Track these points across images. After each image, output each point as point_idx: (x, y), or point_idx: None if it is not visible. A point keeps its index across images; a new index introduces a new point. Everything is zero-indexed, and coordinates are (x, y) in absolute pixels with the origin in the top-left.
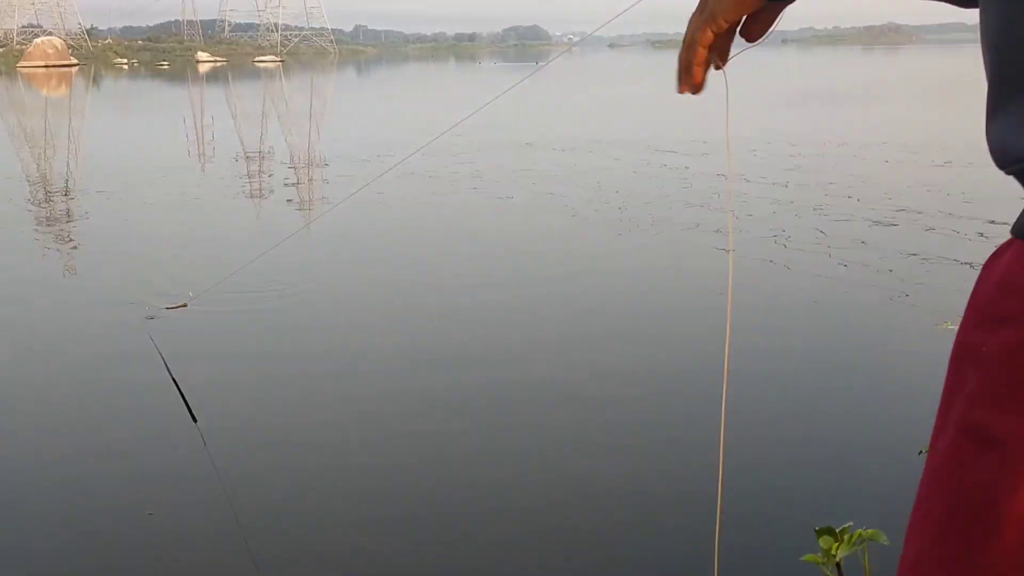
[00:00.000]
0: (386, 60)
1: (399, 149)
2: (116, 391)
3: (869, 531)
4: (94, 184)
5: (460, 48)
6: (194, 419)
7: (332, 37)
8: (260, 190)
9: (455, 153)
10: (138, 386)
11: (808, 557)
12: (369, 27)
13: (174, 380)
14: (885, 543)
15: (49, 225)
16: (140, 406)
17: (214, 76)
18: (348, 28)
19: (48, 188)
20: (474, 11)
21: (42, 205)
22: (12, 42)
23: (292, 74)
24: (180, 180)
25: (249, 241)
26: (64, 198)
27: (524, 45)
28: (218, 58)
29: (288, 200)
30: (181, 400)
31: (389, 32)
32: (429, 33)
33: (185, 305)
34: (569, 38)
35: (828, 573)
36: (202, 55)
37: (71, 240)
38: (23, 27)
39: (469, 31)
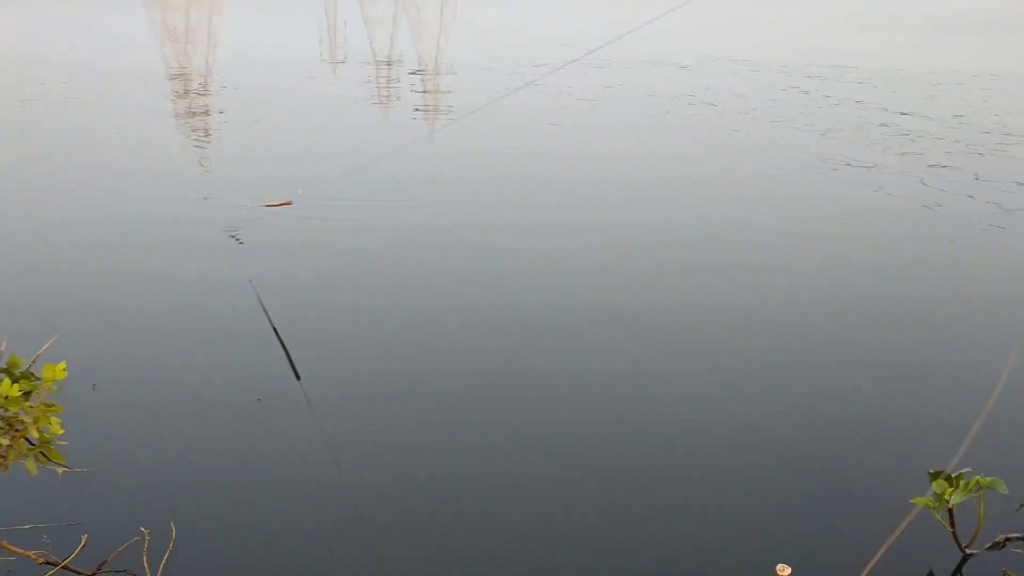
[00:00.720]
0: None
1: (535, 62)
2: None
3: (988, 479)
4: (229, 81)
5: None
6: (297, 376)
7: None
8: (388, 96)
9: (604, 67)
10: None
11: (918, 500)
12: None
13: (277, 333)
14: (1004, 492)
15: (187, 118)
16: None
17: None
18: None
19: (187, 84)
20: None
21: (180, 99)
22: None
23: None
24: (310, 82)
25: (368, 147)
26: (201, 95)
27: None
28: None
29: (415, 108)
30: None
31: None
32: None
33: (290, 203)
34: None
35: (939, 519)
36: None
37: (207, 135)
38: None
39: None
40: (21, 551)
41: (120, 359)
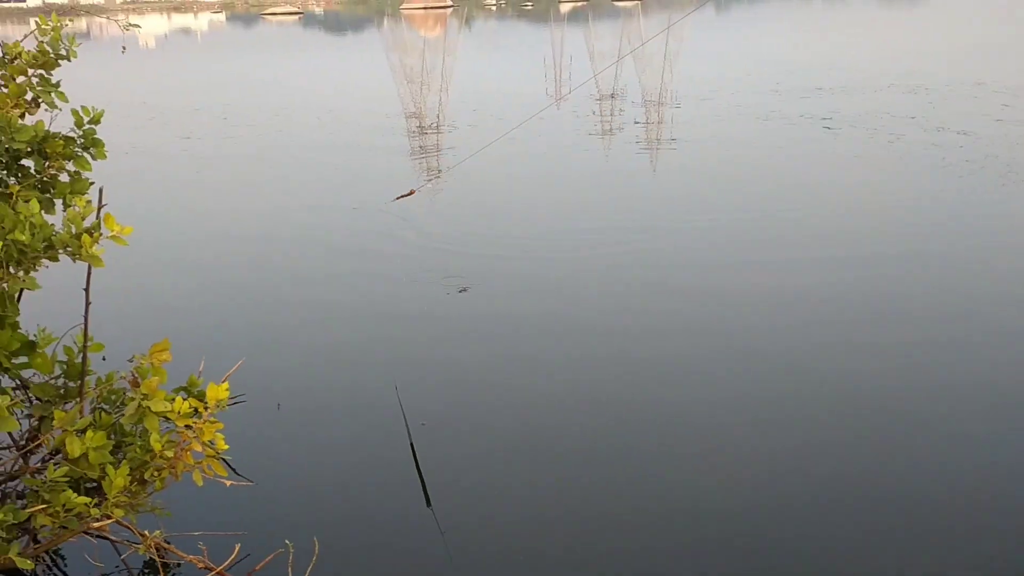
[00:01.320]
0: None
1: (746, 88)
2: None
3: None
4: (460, 118)
5: None
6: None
7: None
8: (609, 128)
9: (805, 95)
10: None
11: None
12: None
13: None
14: None
15: (420, 156)
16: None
17: (574, 16)
18: None
19: (422, 122)
20: None
21: (415, 137)
22: None
23: (650, 13)
24: (537, 117)
25: (591, 182)
26: (434, 131)
27: None
28: (578, 0)
29: (636, 140)
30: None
31: None
32: None
33: (414, 192)
34: None
35: None
36: None
37: (438, 172)
38: None
39: None
40: (185, 556)
41: (302, 384)
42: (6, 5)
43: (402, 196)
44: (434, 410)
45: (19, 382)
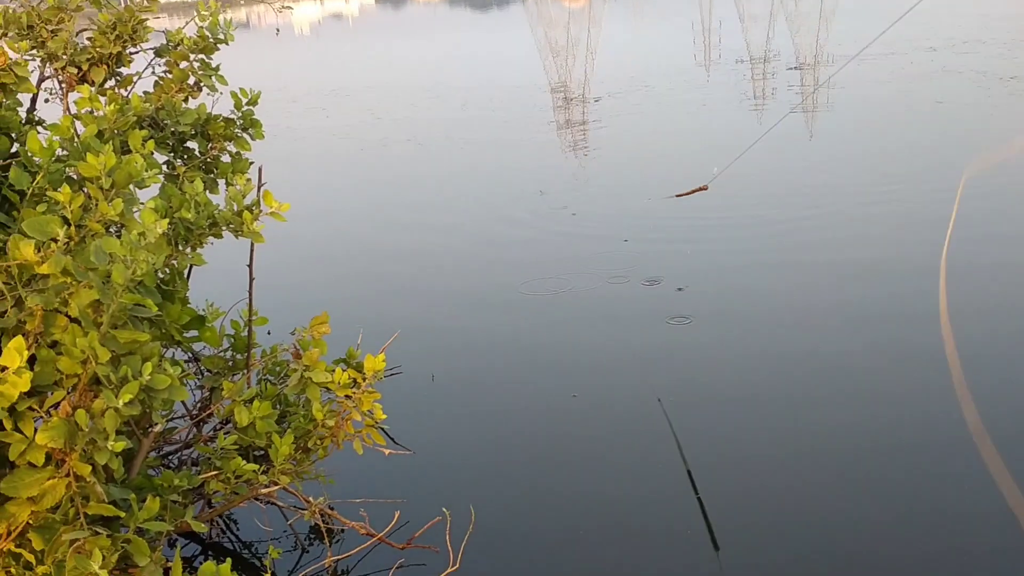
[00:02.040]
0: None
1: (910, 47)
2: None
3: None
4: (607, 89)
5: None
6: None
7: None
8: (762, 94)
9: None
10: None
11: None
12: None
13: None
14: None
15: (567, 128)
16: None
17: None
18: None
19: (567, 95)
20: None
21: (561, 111)
22: None
23: None
24: (686, 86)
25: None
26: (581, 104)
27: None
28: None
29: (792, 105)
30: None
31: None
32: None
33: (705, 188)
34: None
35: None
36: None
37: (585, 144)
38: None
39: None
40: (348, 522)
41: (456, 358)
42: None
43: (689, 192)
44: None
45: (191, 355)
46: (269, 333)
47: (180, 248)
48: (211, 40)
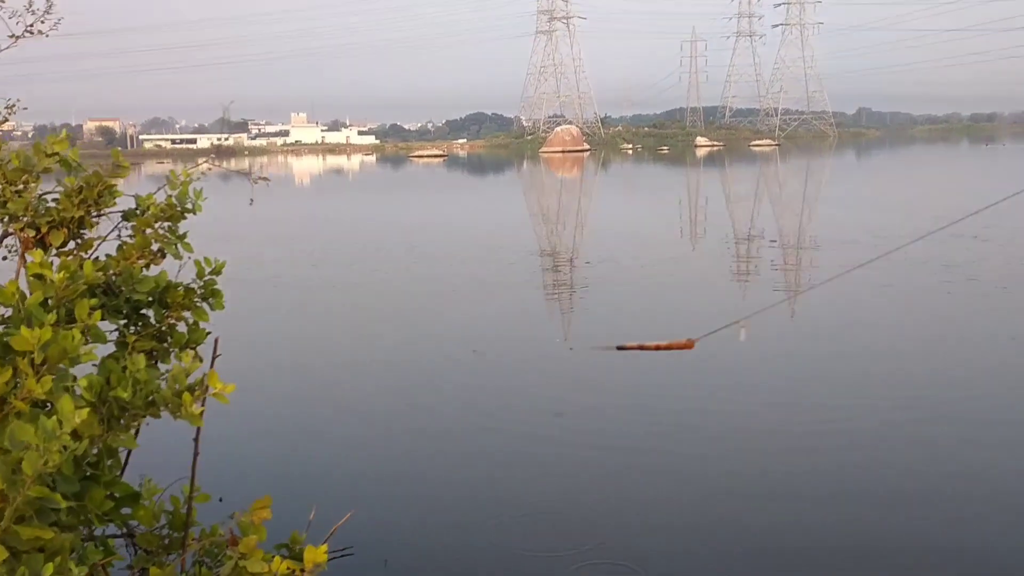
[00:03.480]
0: (889, 142)
1: (894, 234)
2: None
3: None
4: (595, 255)
5: (976, 129)
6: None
7: (832, 120)
8: (745, 270)
9: (963, 242)
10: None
11: None
12: (873, 109)
13: None
14: None
15: (555, 292)
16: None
17: (710, 159)
18: (850, 111)
19: (557, 259)
20: (993, 90)
21: (549, 273)
22: (539, 131)
23: (788, 157)
24: (671, 257)
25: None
26: (568, 268)
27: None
28: (715, 142)
29: (773, 283)
30: None
31: (895, 114)
32: (940, 114)
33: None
34: None
35: None
36: (700, 139)
37: (571, 308)
38: (549, 117)
39: (987, 111)
40: None
41: (413, 539)
42: (179, 147)
43: (634, 347)
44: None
45: (125, 532)
46: (221, 500)
47: (112, 428)
48: (179, 208)
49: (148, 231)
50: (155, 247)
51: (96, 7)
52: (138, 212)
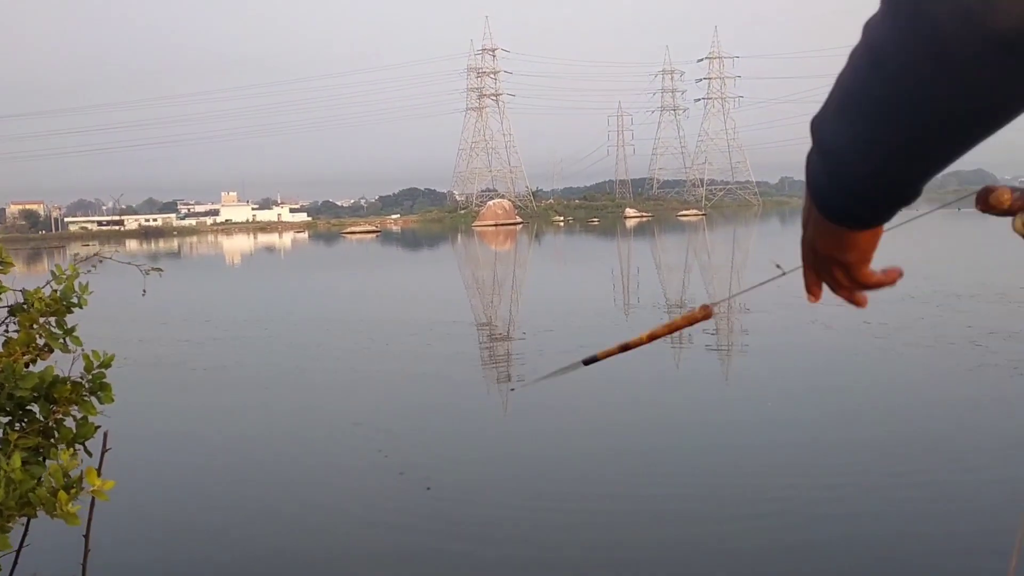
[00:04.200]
0: None
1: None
2: None
3: None
4: (530, 327)
5: None
6: None
7: (756, 189)
8: (679, 339)
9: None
10: None
11: None
12: (795, 178)
13: None
14: None
15: (492, 365)
16: None
17: (640, 230)
18: (773, 180)
19: (492, 332)
20: None
21: (485, 347)
22: (472, 205)
23: (714, 226)
24: (605, 327)
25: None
26: (504, 341)
27: (966, 190)
28: (644, 213)
29: (707, 346)
30: None
31: None
32: None
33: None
34: (1022, 181)
35: None
36: (630, 211)
37: (508, 378)
38: (481, 191)
39: None
40: None
41: None
42: (106, 228)
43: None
44: None
45: None
46: None
47: None
48: (64, 304)
49: (34, 326)
50: (41, 342)
51: (17, 87)
52: (25, 307)
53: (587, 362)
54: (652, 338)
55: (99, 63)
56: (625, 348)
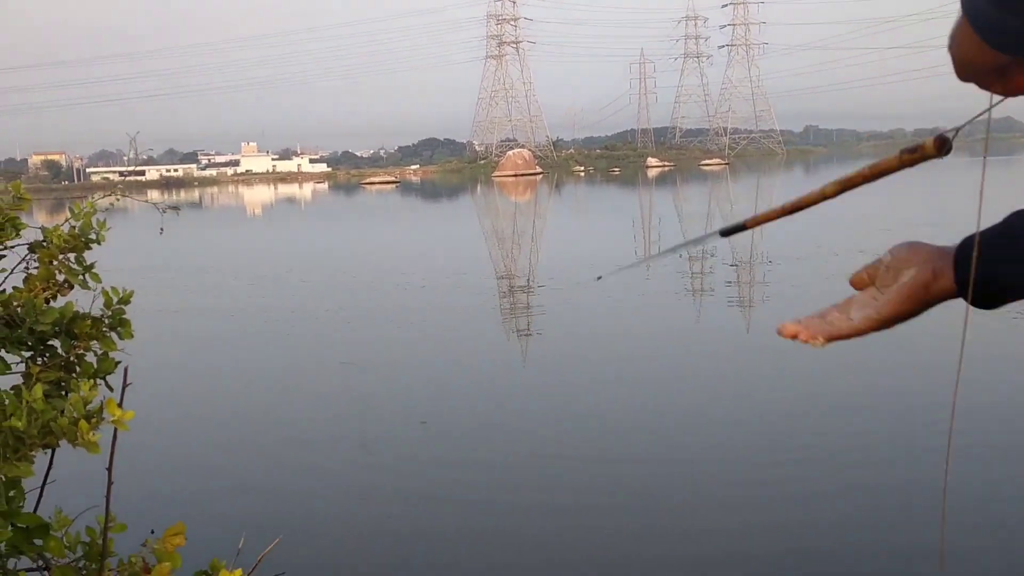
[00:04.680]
0: (836, 159)
1: (840, 249)
2: None
3: None
4: (549, 279)
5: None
6: None
7: (780, 138)
8: (701, 288)
9: None
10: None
11: None
12: (820, 127)
13: None
14: None
15: (511, 316)
16: None
17: (661, 180)
18: (798, 129)
19: (512, 283)
20: (935, 106)
21: (506, 297)
22: (491, 155)
23: (737, 175)
24: (626, 279)
25: (684, 344)
26: (524, 292)
27: (995, 138)
28: (666, 163)
29: (728, 299)
30: None
31: (841, 131)
32: (885, 130)
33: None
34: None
35: None
36: (651, 160)
37: (527, 330)
38: (501, 141)
39: (930, 125)
40: None
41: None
42: (128, 179)
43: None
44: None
45: (40, 563)
46: (152, 532)
47: (8, 458)
48: (82, 240)
49: (53, 262)
50: (60, 278)
51: (40, 39)
52: (44, 244)
53: (725, 233)
54: (842, 189)
55: (121, 11)
56: (794, 209)
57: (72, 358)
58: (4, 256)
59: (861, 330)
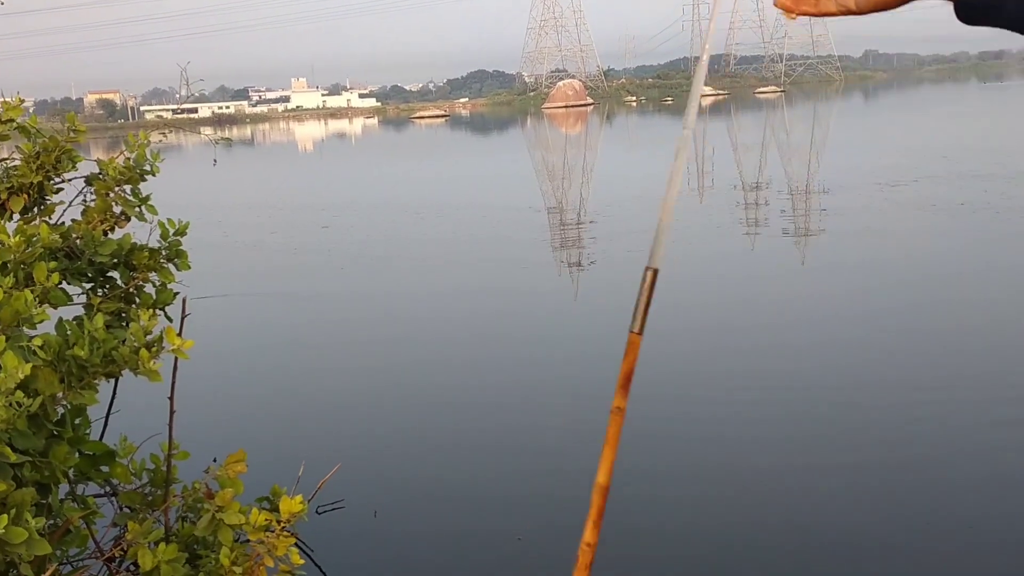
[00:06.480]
0: (897, 84)
1: (905, 177)
2: None
3: None
4: (600, 212)
5: (983, 67)
6: None
7: (838, 64)
8: (755, 219)
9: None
10: None
11: None
12: (880, 51)
13: None
14: None
15: (563, 248)
16: None
17: (716, 109)
18: (857, 54)
19: (564, 217)
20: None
21: (557, 231)
22: (541, 86)
23: (793, 103)
24: (677, 212)
25: (734, 275)
26: (576, 226)
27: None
28: (720, 91)
29: (784, 231)
30: None
31: (902, 55)
32: (948, 53)
33: None
34: None
35: None
36: (705, 89)
37: (580, 264)
38: (551, 72)
39: (995, 48)
40: None
41: (403, 491)
42: (181, 117)
43: None
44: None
45: (108, 489)
46: (215, 460)
47: (71, 387)
48: (136, 172)
49: (110, 194)
50: (117, 210)
51: None
52: (100, 176)
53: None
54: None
55: None
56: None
57: (131, 289)
58: (62, 189)
59: (851, 9)
